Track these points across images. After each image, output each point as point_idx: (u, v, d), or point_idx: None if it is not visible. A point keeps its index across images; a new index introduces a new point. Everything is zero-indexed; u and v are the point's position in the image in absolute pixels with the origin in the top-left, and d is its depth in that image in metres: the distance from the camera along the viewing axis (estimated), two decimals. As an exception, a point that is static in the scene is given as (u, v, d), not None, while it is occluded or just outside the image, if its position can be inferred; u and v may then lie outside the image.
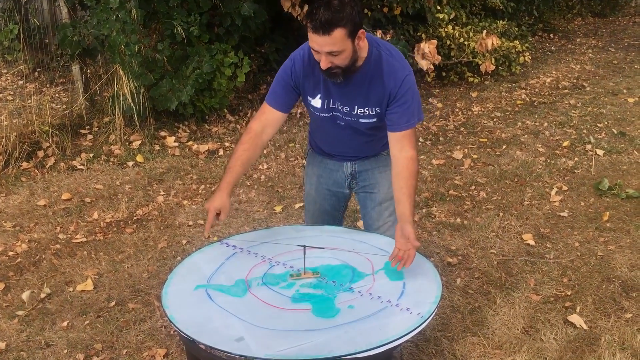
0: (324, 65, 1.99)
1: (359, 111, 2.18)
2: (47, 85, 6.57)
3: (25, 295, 3.08)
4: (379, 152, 2.39)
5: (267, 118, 2.23)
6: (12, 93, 6.66)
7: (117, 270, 3.35)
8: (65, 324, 2.87)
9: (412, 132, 2.14)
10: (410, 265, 1.98)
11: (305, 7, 5.58)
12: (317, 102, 2.21)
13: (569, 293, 3.06)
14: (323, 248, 2.11)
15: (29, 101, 5.17)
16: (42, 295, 3.10)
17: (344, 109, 2.19)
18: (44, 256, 3.49)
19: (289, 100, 2.23)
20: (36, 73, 7.00)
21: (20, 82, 6.96)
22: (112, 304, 3.03)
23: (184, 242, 3.66)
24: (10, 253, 3.53)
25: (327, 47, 1.93)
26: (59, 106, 5.88)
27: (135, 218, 3.97)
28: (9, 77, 7.22)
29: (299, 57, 2.17)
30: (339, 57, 1.98)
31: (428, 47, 5.34)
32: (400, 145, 2.13)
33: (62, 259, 3.47)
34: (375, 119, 2.20)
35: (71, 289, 3.17)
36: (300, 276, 1.98)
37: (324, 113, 2.23)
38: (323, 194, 2.49)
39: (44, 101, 5.32)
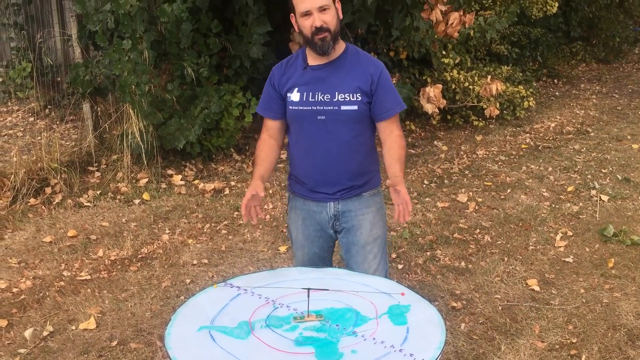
0: (317, 22, 2.14)
1: (339, 96, 2.23)
2: (57, 123, 6.67)
3: (27, 333, 3.07)
4: (362, 191, 2.38)
5: (269, 128, 2.39)
6: (22, 129, 6.76)
7: (120, 309, 3.34)
8: (66, 362, 2.86)
9: (398, 116, 2.32)
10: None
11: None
12: (295, 95, 2.27)
13: (574, 341, 3.03)
14: (327, 290, 2.11)
15: (39, 138, 5.25)
16: (45, 333, 3.09)
17: (325, 97, 2.24)
18: (47, 293, 3.50)
19: (274, 105, 2.34)
20: (47, 110, 7.12)
21: (31, 119, 7.07)
22: (114, 343, 3.01)
23: (188, 281, 3.66)
24: (15, 290, 3.53)
25: (318, 0, 2.13)
26: (68, 143, 5.96)
27: (140, 256, 3.98)
28: (20, 114, 7.34)
29: (278, 64, 2.37)
30: (328, 14, 2.15)
31: (433, 91, 5.41)
32: (389, 130, 2.29)
33: (66, 296, 3.47)
34: (356, 106, 2.23)
35: (74, 328, 3.16)
36: (304, 319, 1.97)
37: (303, 106, 2.26)
38: (310, 237, 2.46)
39: (54, 138, 5.39)
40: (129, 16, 5.08)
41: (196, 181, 5.31)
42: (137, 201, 4.86)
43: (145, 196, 4.93)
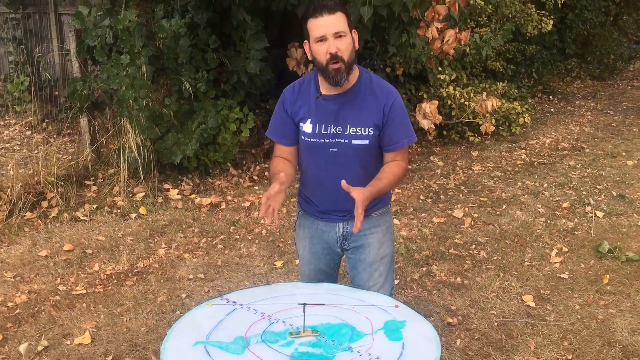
0: (332, 48, 2.07)
1: (351, 130, 2.20)
2: (55, 136, 6.68)
3: (22, 348, 3.06)
4: (371, 211, 2.38)
5: (281, 152, 2.31)
6: (19, 143, 6.77)
7: (115, 323, 3.33)
8: (61, 377, 2.85)
9: (406, 148, 2.30)
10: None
11: (310, 66, 5.74)
12: (307, 127, 2.23)
13: (569, 357, 3.04)
14: (323, 304, 2.12)
15: (36, 151, 5.27)
16: (40, 348, 3.08)
17: (337, 129, 2.21)
18: (43, 307, 3.49)
19: (289, 132, 2.28)
20: (44, 124, 7.13)
21: (28, 133, 7.08)
22: (110, 358, 3.00)
23: (184, 296, 3.65)
24: (10, 304, 3.52)
25: (333, 26, 2.07)
26: (65, 157, 5.97)
27: (135, 270, 3.98)
28: (17, 128, 7.35)
29: (289, 88, 2.30)
30: (344, 42, 2.09)
31: (429, 107, 5.44)
32: (392, 158, 2.28)
33: (61, 310, 3.46)
34: (367, 141, 2.22)
35: (69, 342, 3.15)
36: (300, 334, 1.98)
37: (315, 138, 2.23)
38: (317, 254, 2.48)
39: (51, 152, 5.41)
40: (127, 31, 5.11)
41: (193, 195, 5.32)
42: (133, 215, 4.86)
43: (142, 210, 4.93)
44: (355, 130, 2.20)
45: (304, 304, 2.03)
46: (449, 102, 7.17)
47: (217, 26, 5.78)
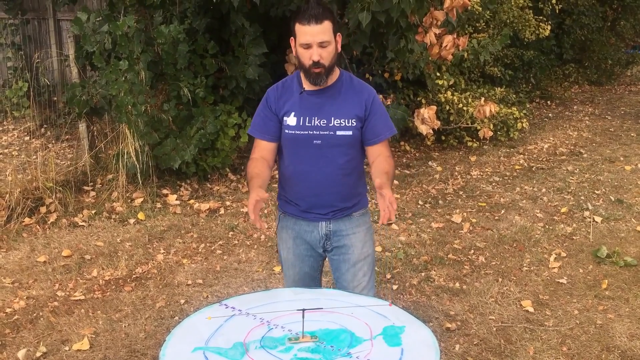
0: (315, 56, 2.17)
1: (335, 122, 2.28)
2: (53, 142, 6.68)
3: (20, 354, 3.05)
4: (352, 211, 2.42)
5: (262, 149, 2.35)
6: (17, 149, 6.77)
7: (114, 329, 3.33)
8: (59, 383, 2.84)
9: (387, 140, 2.35)
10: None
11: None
12: (292, 120, 2.30)
13: (568, 362, 3.04)
14: (322, 308, 2.12)
15: (34, 157, 5.26)
16: (38, 354, 3.07)
17: (321, 122, 2.28)
18: (41, 313, 3.48)
19: (272, 128, 2.34)
20: (43, 129, 7.14)
21: (27, 138, 7.08)
22: (108, 364, 3.00)
23: (182, 301, 3.65)
24: (8, 310, 3.52)
25: (319, 36, 2.16)
26: (63, 162, 5.97)
27: (134, 276, 3.97)
28: (15, 133, 7.35)
29: (273, 87, 2.38)
30: (327, 49, 2.19)
31: (427, 112, 5.46)
32: (379, 152, 2.32)
33: (60, 316, 3.45)
34: (351, 132, 2.29)
35: (67, 348, 3.14)
36: (299, 340, 1.98)
37: (299, 130, 2.29)
38: (301, 256, 2.49)
39: (49, 157, 5.40)
40: (126, 37, 5.13)
41: (191, 201, 5.32)
42: (132, 221, 4.86)
43: (140, 216, 4.93)
44: (339, 122, 2.28)
45: (303, 310, 2.03)
46: (447, 107, 7.18)
47: (215, 32, 5.79)
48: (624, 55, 12.96)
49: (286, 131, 2.32)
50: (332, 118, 2.28)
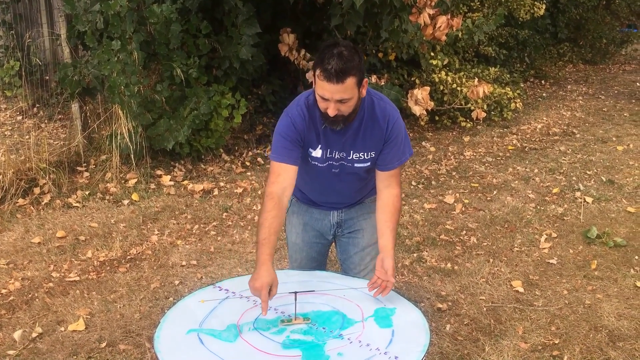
0: (332, 112, 2.04)
1: (354, 156, 2.26)
2: (46, 122, 6.65)
3: (17, 335, 3.09)
4: (364, 199, 2.47)
5: (285, 178, 2.18)
6: (10, 129, 6.73)
7: (109, 310, 3.36)
8: (55, 364, 2.88)
9: (399, 170, 2.31)
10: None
11: (302, 52, 5.73)
12: (317, 152, 2.26)
13: (556, 342, 3.10)
14: (314, 291, 2.16)
15: (27, 137, 5.24)
16: (34, 335, 3.11)
17: (341, 154, 2.26)
18: (36, 295, 3.51)
19: (298, 154, 2.22)
20: (35, 109, 7.09)
21: (19, 118, 7.04)
22: (103, 344, 3.03)
23: (177, 282, 3.68)
24: (3, 291, 3.54)
25: (339, 94, 2.01)
26: (56, 142, 5.95)
27: (128, 257, 4.00)
28: (8, 113, 7.31)
29: (296, 113, 2.21)
30: (347, 104, 2.05)
31: (421, 93, 5.46)
32: (388, 182, 2.28)
33: (55, 297, 3.48)
34: (369, 163, 2.28)
35: (63, 329, 3.17)
36: (291, 322, 2.01)
37: (322, 163, 2.29)
38: (310, 242, 2.53)
39: (42, 137, 5.39)
40: (118, 17, 5.08)
41: (185, 182, 5.33)
42: (126, 202, 4.87)
43: (134, 197, 4.94)
44: (358, 156, 2.26)
45: (295, 292, 2.06)
46: (441, 88, 7.18)
47: (208, 11, 5.74)
48: (618, 34, 12.93)
49: (311, 161, 2.29)
50: (352, 152, 2.25)
